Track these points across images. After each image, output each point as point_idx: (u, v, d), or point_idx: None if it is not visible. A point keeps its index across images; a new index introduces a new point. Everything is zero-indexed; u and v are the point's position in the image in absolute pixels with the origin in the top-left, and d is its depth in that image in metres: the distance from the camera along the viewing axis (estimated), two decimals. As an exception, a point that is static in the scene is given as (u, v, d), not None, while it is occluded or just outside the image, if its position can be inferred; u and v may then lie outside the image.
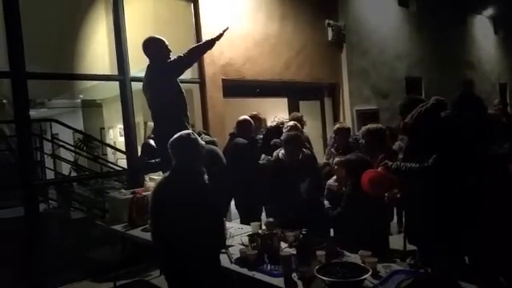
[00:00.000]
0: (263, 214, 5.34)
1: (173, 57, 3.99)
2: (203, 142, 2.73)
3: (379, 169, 3.17)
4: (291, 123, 5.14)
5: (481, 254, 2.88)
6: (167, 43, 4.02)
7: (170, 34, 4.26)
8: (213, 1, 6.28)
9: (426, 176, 2.91)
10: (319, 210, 3.87)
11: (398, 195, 3.51)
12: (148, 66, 4.05)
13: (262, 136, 5.56)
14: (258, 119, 5.45)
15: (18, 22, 4.48)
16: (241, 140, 4.81)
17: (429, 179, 2.93)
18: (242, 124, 4.96)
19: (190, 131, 2.80)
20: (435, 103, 3.04)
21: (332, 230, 3.89)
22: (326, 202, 3.86)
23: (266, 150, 5.07)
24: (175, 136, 2.65)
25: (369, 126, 3.99)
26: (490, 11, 14.13)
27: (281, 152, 4.14)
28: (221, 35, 4.15)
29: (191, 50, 4.04)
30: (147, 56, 4.02)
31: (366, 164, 3.41)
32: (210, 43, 4.13)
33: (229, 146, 4.95)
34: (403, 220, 4.15)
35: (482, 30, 14.17)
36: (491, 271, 2.90)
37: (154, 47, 3.98)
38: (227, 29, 4.19)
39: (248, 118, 5.03)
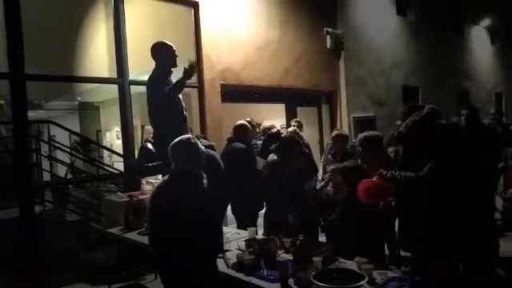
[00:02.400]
0: (259, 220, 5.36)
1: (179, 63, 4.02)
2: (203, 147, 2.75)
3: (374, 178, 3.19)
4: (291, 129, 5.20)
5: (475, 262, 2.90)
6: (174, 49, 4.04)
7: (170, 39, 4.27)
8: (213, 6, 6.31)
9: (420, 185, 2.93)
10: (313, 215, 3.90)
11: (393, 203, 3.52)
12: (153, 71, 4.07)
13: (258, 141, 5.60)
14: (251, 126, 5.49)
15: (19, 24, 4.50)
16: (238, 145, 4.84)
17: (424, 187, 2.94)
18: (238, 128, 5.00)
19: (190, 136, 2.81)
20: (429, 112, 3.06)
21: (323, 236, 3.90)
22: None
23: (264, 155, 5.10)
24: (175, 140, 2.66)
25: (365, 133, 3.99)
26: (486, 22, 14.29)
27: (276, 156, 4.16)
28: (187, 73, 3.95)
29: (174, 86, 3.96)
30: (154, 60, 4.06)
31: (363, 172, 3.43)
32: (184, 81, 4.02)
33: (226, 151, 4.97)
34: (396, 229, 4.13)
35: (479, 40, 14.31)
36: (485, 278, 2.92)
37: (158, 52, 4.01)
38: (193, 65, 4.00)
39: (245, 122, 5.06)
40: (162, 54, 4.01)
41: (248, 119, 5.50)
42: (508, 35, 14.74)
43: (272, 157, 4.26)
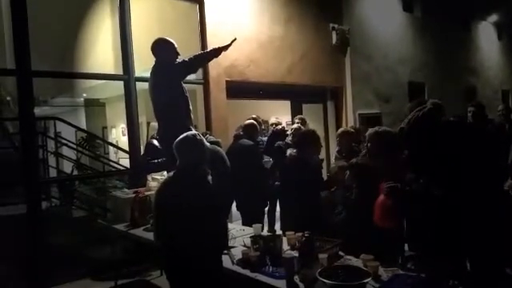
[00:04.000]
0: (264, 217, 5.36)
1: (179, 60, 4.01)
2: (208, 144, 2.75)
3: (382, 196, 3.05)
4: (295, 126, 5.20)
5: (482, 260, 2.87)
6: (176, 46, 4.04)
7: (175, 35, 4.27)
8: (218, 2, 6.30)
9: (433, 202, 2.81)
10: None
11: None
12: (154, 66, 4.06)
13: (264, 138, 5.61)
14: (257, 122, 5.53)
15: (25, 20, 4.50)
16: (245, 141, 4.86)
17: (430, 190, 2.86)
18: (248, 127, 5.08)
19: (195, 132, 2.82)
20: (432, 108, 2.90)
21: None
22: None
23: (269, 152, 5.11)
24: (181, 136, 2.66)
25: (376, 128, 3.65)
26: (494, 17, 14.16)
27: (294, 150, 4.16)
28: (228, 45, 4.19)
29: (197, 56, 4.07)
30: (155, 56, 4.04)
31: (371, 169, 3.36)
32: (217, 52, 4.16)
33: (233, 148, 4.99)
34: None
35: (486, 36, 14.19)
36: (492, 277, 2.90)
37: (163, 48, 3.99)
38: (235, 39, 4.21)
39: (254, 122, 5.15)
40: (167, 50, 4.00)
41: (254, 116, 5.51)
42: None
43: (291, 151, 4.24)
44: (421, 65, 10.74)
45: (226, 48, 4.18)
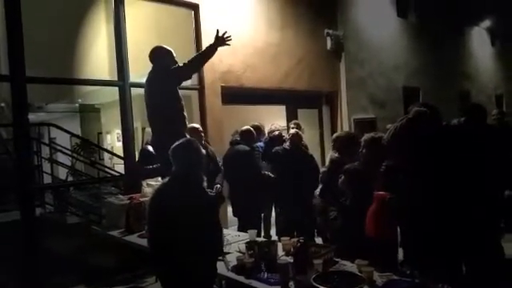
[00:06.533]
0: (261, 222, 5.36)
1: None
2: (204, 150, 2.74)
3: (374, 206, 3.02)
4: (293, 131, 5.23)
5: (478, 264, 2.88)
6: (175, 55, 4.02)
7: (170, 41, 4.27)
8: (214, 8, 6.31)
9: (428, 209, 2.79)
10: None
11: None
12: (150, 73, 4.05)
13: (262, 144, 5.63)
14: (259, 129, 5.67)
15: (19, 26, 4.50)
16: (242, 147, 4.87)
17: (425, 191, 2.87)
18: (246, 133, 5.13)
19: (192, 138, 2.81)
20: (411, 118, 2.82)
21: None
22: None
23: (268, 157, 5.12)
24: (177, 143, 2.65)
25: (373, 134, 3.68)
26: (487, 23, 14.31)
27: (335, 154, 4.13)
28: (219, 40, 3.94)
29: (192, 61, 3.99)
30: (152, 63, 4.02)
31: (365, 175, 3.37)
32: (210, 51, 3.99)
33: (229, 153, 5.00)
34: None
35: (479, 41, 14.32)
36: (488, 281, 2.90)
37: (161, 56, 3.97)
38: (225, 33, 3.95)
39: (251, 128, 5.20)
40: (161, 58, 3.98)
41: (257, 123, 5.58)
42: (508, 36, 14.74)
43: (333, 154, 4.19)
44: (415, 70, 10.81)
45: (216, 44, 3.93)
